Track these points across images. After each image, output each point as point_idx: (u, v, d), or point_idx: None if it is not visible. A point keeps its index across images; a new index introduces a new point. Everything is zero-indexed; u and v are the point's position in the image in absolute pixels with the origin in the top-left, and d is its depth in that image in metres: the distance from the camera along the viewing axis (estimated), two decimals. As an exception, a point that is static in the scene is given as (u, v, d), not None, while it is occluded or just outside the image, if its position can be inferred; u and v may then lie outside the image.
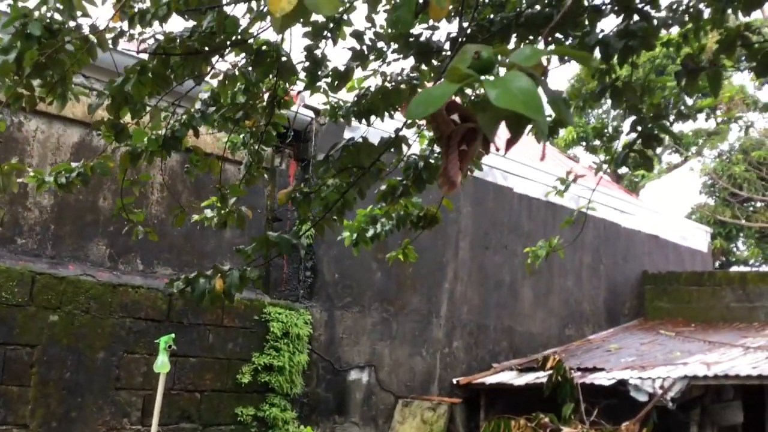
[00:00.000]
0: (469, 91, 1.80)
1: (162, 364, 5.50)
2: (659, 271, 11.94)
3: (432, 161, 4.76)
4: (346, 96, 4.65)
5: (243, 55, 4.00)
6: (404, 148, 4.48)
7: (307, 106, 7.82)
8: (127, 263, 6.66)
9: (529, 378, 8.16)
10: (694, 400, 7.54)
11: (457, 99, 1.53)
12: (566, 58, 3.02)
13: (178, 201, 6.05)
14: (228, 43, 3.75)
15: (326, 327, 7.68)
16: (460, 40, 3.78)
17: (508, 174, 9.75)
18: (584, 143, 20.17)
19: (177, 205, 4.77)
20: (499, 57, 1.31)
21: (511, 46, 3.82)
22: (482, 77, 1.24)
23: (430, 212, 5.08)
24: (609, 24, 17.70)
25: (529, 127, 1.59)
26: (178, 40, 3.82)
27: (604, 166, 5.76)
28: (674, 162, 21.36)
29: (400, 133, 4.45)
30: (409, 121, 4.94)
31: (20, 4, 3.37)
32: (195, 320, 6.79)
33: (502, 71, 1.30)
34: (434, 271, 8.67)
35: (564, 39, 3.67)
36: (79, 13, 3.54)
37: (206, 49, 3.70)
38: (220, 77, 4.16)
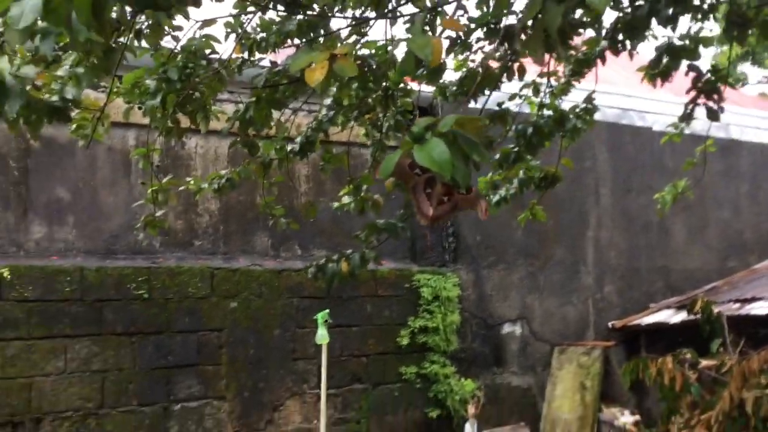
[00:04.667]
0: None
1: (321, 336, 5.78)
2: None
3: (541, 125, 4.60)
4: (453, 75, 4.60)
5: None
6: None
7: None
8: (287, 250, 7.02)
9: (684, 315, 7.59)
10: None
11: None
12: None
13: (317, 192, 6.25)
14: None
15: (474, 287, 7.66)
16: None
17: (645, 114, 9.04)
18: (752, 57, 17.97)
19: (308, 200, 4.97)
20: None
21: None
22: (415, 145, 1.53)
23: (550, 172, 4.98)
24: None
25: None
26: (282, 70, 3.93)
27: None
28: None
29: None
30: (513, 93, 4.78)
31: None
32: (352, 294, 7.04)
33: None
34: (576, 221, 8.30)
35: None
36: (207, 51, 3.79)
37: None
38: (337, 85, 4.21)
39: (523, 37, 2.56)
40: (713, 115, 3.31)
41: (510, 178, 4.92)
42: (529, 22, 2.21)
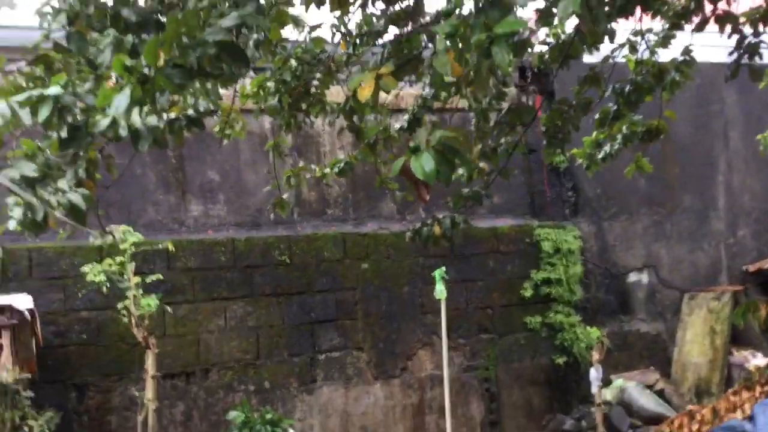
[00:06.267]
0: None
1: (440, 291, 6.08)
2: None
3: (639, 82, 4.57)
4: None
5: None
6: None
7: (543, 43, 7.60)
8: (412, 213, 7.37)
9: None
10: None
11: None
12: None
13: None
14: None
15: (596, 238, 7.62)
16: None
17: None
18: None
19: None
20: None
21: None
22: (413, 157, 1.96)
23: (653, 126, 4.94)
24: None
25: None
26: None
27: None
28: None
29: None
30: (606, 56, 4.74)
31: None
32: (475, 251, 7.27)
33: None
34: (703, 167, 7.92)
35: None
36: (318, 50, 4.18)
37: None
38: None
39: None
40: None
41: (614, 135, 4.93)
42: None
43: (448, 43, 2.24)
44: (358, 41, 4.16)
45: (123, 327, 5.68)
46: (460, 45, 1.95)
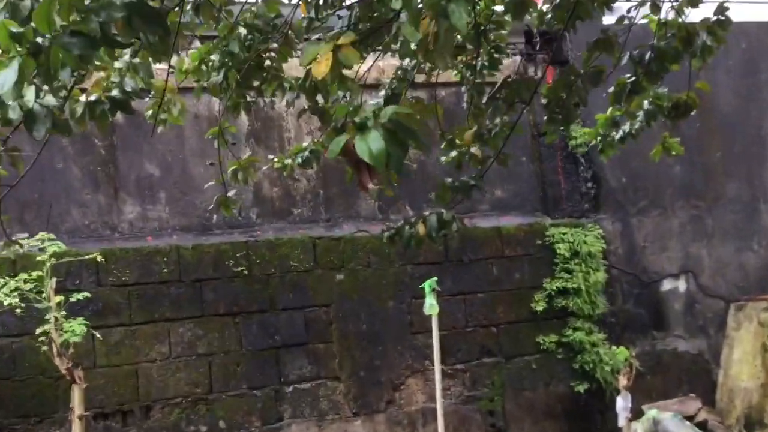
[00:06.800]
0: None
1: (431, 306, 6.09)
2: None
3: (663, 48, 4.57)
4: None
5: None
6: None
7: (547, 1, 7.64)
8: (397, 212, 7.39)
9: None
10: None
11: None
12: None
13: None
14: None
15: (622, 238, 7.68)
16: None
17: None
18: None
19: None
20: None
21: None
22: (357, 135, 1.98)
23: (681, 100, 4.96)
24: None
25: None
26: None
27: None
28: None
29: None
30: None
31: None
32: (474, 256, 7.33)
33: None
34: (752, 148, 7.98)
35: None
36: (272, 15, 4.16)
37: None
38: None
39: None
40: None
41: (632, 112, 4.95)
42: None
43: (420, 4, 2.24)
44: (321, 2, 4.15)
45: (43, 357, 5.62)
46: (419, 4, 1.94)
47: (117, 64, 3.54)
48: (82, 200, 6.62)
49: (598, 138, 5.15)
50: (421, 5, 2.23)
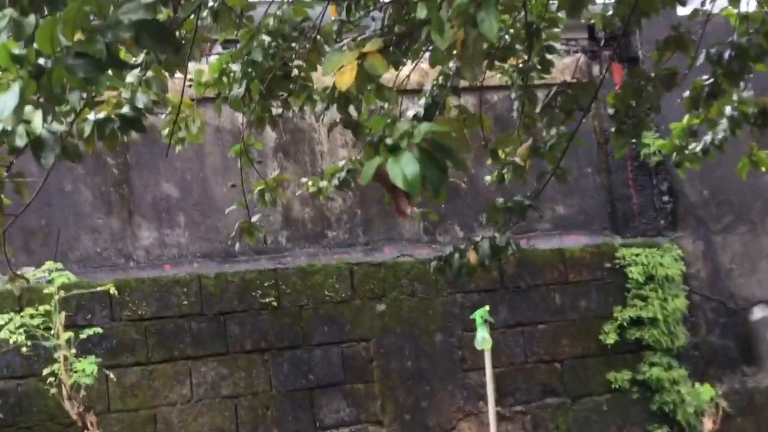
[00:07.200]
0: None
1: (483, 340, 6.11)
2: None
3: (744, 45, 4.55)
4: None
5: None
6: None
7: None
8: (444, 233, 7.40)
9: None
10: None
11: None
12: None
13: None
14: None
15: (704, 259, 7.65)
16: None
17: None
18: None
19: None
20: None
21: None
22: (390, 158, 1.97)
23: None
24: None
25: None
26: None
27: None
28: None
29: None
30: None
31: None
32: (533, 282, 7.33)
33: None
34: None
35: None
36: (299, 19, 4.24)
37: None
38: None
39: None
40: None
41: (712, 119, 4.93)
42: None
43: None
44: (353, 4, 4.20)
45: (52, 401, 5.75)
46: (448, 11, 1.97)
47: (128, 78, 3.64)
48: (93, 225, 6.78)
49: (674, 152, 5.13)
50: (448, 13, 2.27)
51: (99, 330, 5.91)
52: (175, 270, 6.81)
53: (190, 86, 4.52)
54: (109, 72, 2.28)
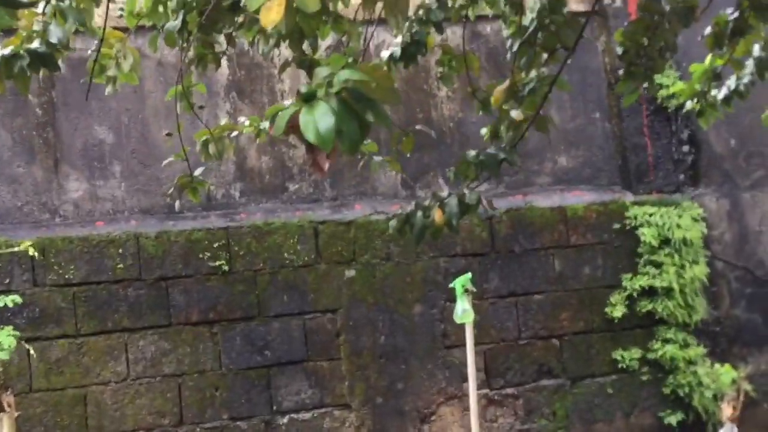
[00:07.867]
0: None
1: (464, 312, 6.18)
2: None
3: None
4: None
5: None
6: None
7: None
8: (426, 186, 7.64)
9: None
10: None
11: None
12: None
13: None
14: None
15: (730, 220, 7.86)
16: None
17: None
18: None
19: (401, 129, 5.48)
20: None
21: None
22: (303, 110, 2.15)
23: None
24: None
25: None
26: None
27: None
28: None
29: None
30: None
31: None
32: (530, 245, 7.56)
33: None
34: None
35: None
36: None
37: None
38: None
39: None
40: None
41: (738, 60, 5.08)
42: None
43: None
44: None
45: (-36, 378, 5.92)
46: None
47: (41, 7, 3.78)
48: (11, 175, 6.95)
49: (695, 98, 5.26)
50: None
51: (18, 298, 6.01)
52: (108, 228, 7.00)
53: (121, 16, 4.69)
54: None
